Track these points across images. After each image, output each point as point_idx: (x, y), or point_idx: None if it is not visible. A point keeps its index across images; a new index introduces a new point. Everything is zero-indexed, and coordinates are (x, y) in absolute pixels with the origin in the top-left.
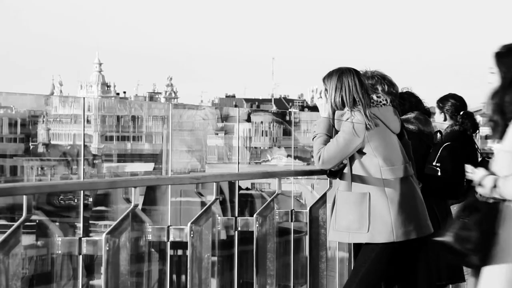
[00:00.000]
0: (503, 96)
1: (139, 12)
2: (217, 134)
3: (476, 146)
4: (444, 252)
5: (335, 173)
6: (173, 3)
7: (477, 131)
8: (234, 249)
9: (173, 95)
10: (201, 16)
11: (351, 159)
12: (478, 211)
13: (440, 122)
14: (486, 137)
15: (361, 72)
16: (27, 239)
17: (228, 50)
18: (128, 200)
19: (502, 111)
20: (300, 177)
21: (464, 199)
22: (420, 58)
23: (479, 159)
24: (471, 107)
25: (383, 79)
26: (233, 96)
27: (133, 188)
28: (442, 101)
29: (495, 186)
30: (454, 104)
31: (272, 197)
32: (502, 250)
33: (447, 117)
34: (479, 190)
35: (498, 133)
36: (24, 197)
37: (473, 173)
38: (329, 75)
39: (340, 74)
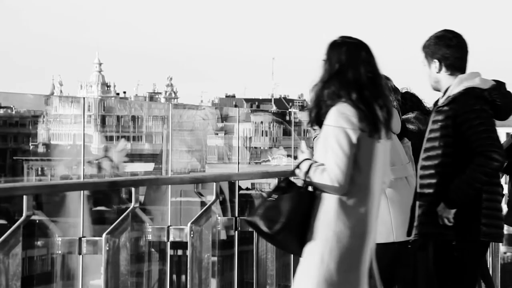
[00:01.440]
0: (322, 89)
1: (139, 12)
2: (217, 134)
3: None
4: (255, 231)
5: None
6: (173, 3)
7: None
8: (234, 249)
9: (173, 95)
10: (201, 16)
11: None
12: (288, 192)
13: None
14: None
15: None
16: (27, 239)
17: (228, 50)
18: (128, 200)
19: (318, 104)
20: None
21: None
22: (418, 58)
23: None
24: None
25: None
26: (233, 96)
27: (133, 188)
28: None
29: (308, 171)
30: None
31: None
32: (315, 238)
33: None
34: (297, 171)
35: (313, 123)
36: (24, 197)
37: (302, 153)
38: None
39: None
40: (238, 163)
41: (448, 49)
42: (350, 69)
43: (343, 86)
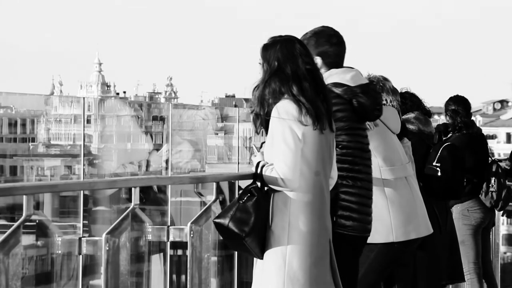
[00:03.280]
0: (264, 89)
1: (139, 12)
2: (217, 134)
3: (490, 150)
4: (221, 234)
5: None
6: (173, 4)
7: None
8: None
9: (173, 95)
10: (201, 16)
11: None
12: (256, 195)
13: None
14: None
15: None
16: (27, 239)
17: (228, 50)
18: (128, 200)
19: (262, 103)
20: None
21: (465, 199)
22: (418, 58)
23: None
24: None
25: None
26: (233, 96)
27: (133, 188)
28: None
29: (261, 172)
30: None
31: None
32: (273, 239)
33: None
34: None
35: (260, 125)
36: (24, 197)
37: (255, 156)
38: None
39: None
40: (238, 163)
41: (330, 46)
42: (288, 64)
43: (284, 81)
